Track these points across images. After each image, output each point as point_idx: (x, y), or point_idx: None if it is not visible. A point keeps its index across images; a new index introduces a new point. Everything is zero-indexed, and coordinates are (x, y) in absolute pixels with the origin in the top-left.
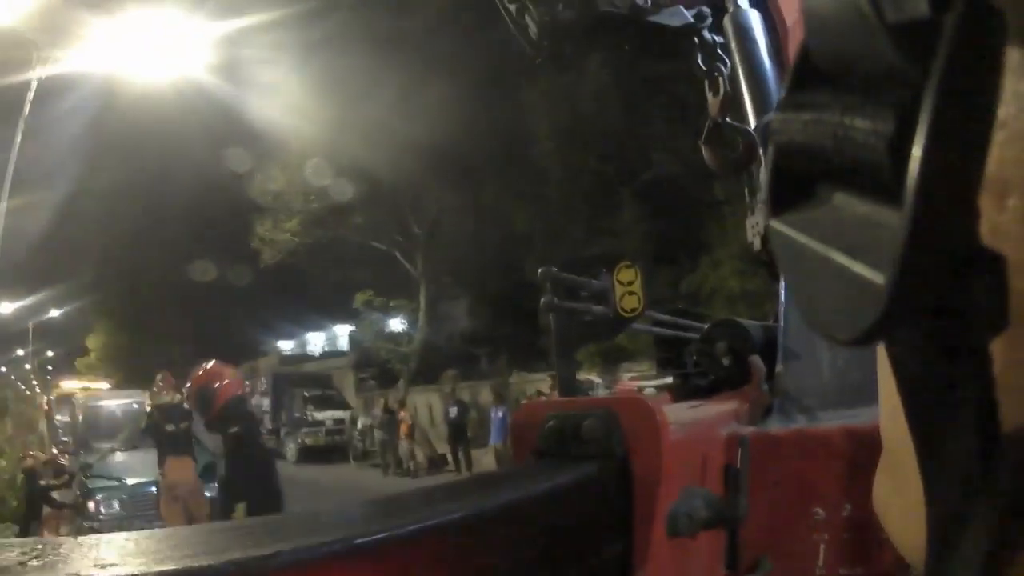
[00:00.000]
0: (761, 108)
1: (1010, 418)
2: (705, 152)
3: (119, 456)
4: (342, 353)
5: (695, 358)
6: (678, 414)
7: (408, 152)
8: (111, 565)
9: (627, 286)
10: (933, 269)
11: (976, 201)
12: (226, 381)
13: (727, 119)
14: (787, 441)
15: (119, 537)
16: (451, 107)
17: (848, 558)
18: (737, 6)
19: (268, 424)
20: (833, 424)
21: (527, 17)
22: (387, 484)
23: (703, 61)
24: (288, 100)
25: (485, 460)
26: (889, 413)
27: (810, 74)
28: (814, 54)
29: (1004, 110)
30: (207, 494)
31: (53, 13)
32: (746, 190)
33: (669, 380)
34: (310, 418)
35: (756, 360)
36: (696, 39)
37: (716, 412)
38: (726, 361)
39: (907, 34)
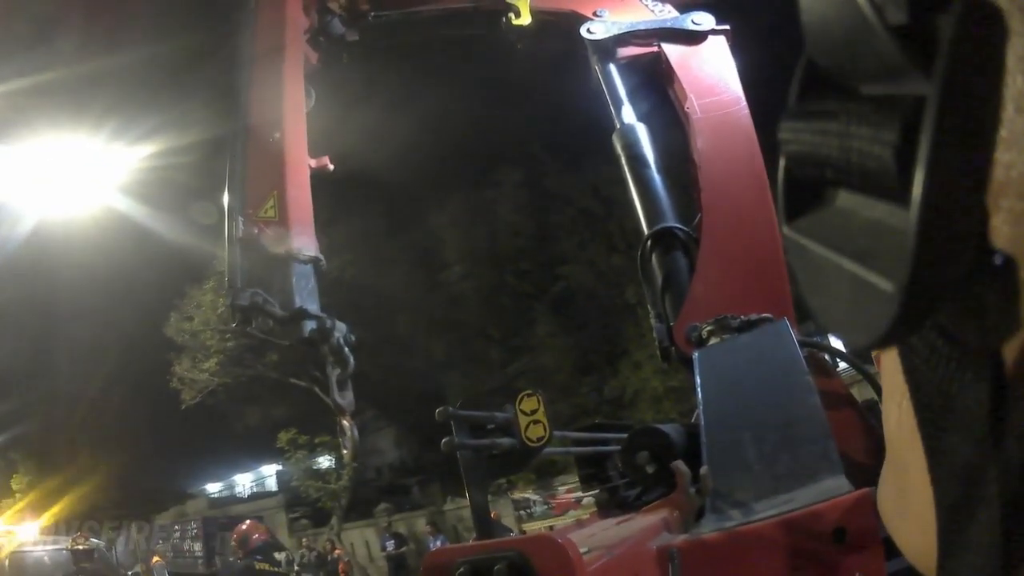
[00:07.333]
0: (651, 218)
1: (1020, 420)
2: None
3: None
4: (271, 493)
5: (619, 469)
6: (603, 534)
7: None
8: None
9: (531, 415)
10: (943, 274)
11: (983, 204)
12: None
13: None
14: (721, 544)
15: None
16: (358, 242)
17: None
18: (623, 123)
19: (202, 570)
20: (767, 518)
21: None
22: None
23: (328, 368)
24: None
25: None
26: (894, 419)
27: (815, 80)
28: (818, 59)
29: (1000, 112)
30: None
31: None
32: (648, 299)
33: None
34: None
35: (679, 465)
36: (324, 347)
37: (644, 525)
38: (650, 469)
39: (908, 35)
